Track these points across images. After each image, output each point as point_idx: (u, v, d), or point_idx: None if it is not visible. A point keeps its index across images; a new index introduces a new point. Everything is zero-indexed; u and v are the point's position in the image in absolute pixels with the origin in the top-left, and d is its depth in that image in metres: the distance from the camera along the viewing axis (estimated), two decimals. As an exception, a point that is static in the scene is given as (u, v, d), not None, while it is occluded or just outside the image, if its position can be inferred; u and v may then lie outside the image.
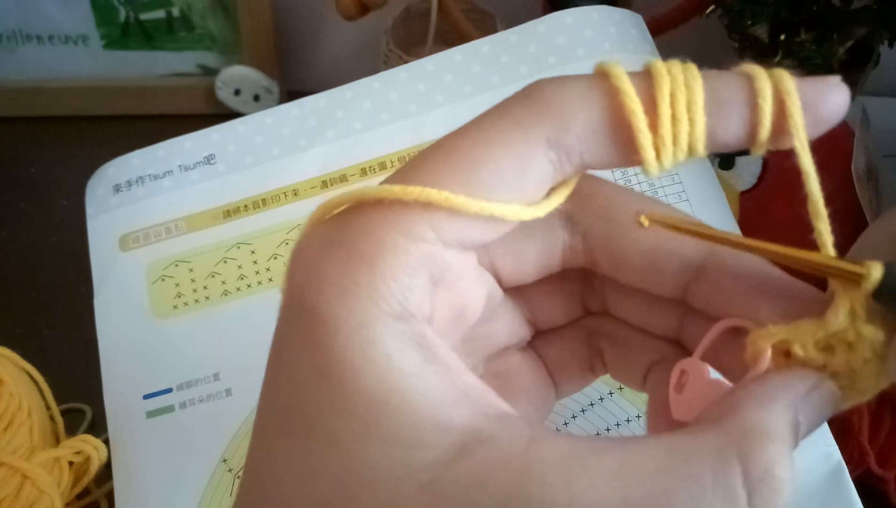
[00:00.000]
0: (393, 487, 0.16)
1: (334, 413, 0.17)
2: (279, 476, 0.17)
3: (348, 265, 0.17)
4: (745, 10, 0.53)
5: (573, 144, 0.18)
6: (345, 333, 0.17)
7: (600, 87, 0.18)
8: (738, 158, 0.50)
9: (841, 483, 0.33)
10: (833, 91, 0.18)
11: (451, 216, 0.17)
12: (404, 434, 0.16)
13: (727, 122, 0.18)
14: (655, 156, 0.18)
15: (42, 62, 0.67)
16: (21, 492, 0.39)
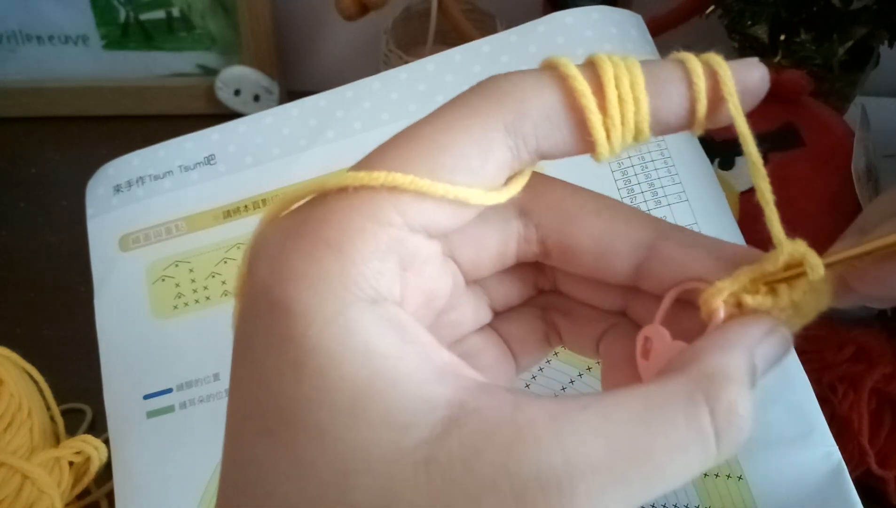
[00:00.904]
0: (388, 469, 0.16)
1: (317, 405, 0.17)
2: (265, 477, 0.17)
3: (315, 254, 0.17)
4: (745, 10, 0.53)
5: (529, 130, 0.19)
6: (319, 323, 0.17)
7: (551, 76, 0.19)
8: (738, 159, 0.50)
9: (841, 483, 0.33)
10: (754, 67, 0.19)
11: (417, 200, 0.18)
12: (393, 416, 0.16)
13: (668, 100, 0.19)
14: (606, 136, 0.19)
15: (42, 62, 0.67)
16: (21, 492, 0.39)
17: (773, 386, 0.35)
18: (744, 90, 0.19)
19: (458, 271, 0.22)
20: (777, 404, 0.34)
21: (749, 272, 0.20)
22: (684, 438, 0.17)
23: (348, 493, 0.16)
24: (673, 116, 0.19)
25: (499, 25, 0.61)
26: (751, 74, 0.19)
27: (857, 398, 0.43)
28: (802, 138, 0.49)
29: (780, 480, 0.34)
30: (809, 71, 0.50)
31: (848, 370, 0.44)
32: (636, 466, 0.16)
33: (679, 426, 0.17)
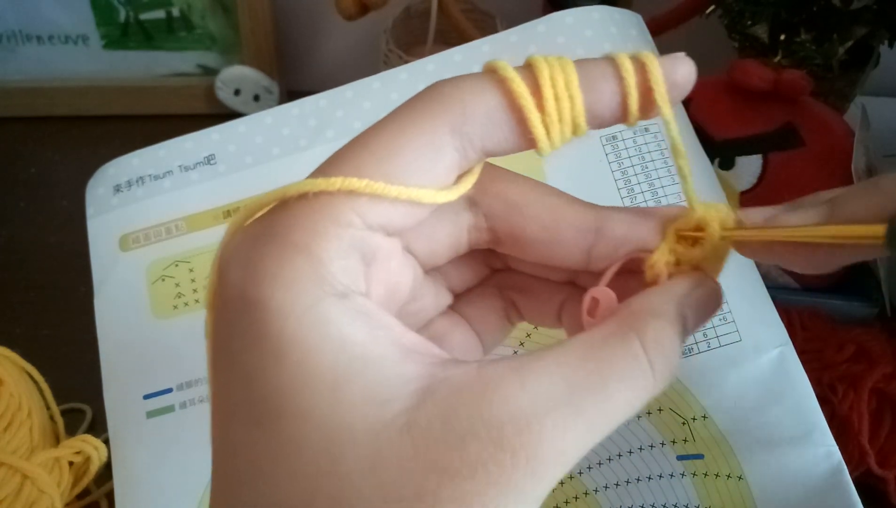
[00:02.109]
0: (373, 439, 0.18)
1: (300, 392, 0.18)
2: (256, 464, 0.18)
3: (285, 256, 0.19)
4: (745, 10, 0.53)
5: (474, 131, 0.20)
6: (295, 317, 0.18)
7: (490, 79, 0.20)
8: (738, 159, 0.50)
9: (841, 483, 0.33)
10: (681, 62, 0.21)
11: (373, 202, 0.19)
12: (372, 393, 0.18)
13: (601, 95, 0.20)
14: (545, 133, 0.20)
15: (42, 62, 0.67)
16: (21, 492, 0.39)
17: (773, 386, 0.35)
18: (672, 84, 0.21)
19: (416, 264, 0.23)
20: (777, 404, 0.34)
21: (673, 232, 0.22)
22: (625, 367, 0.19)
23: (338, 464, 0.17)
24: (607, 110, 0.21)
25: (499, 25, 0.61)
26: (678, 69, 0.21)
27: (857, 398, 0.43)
28: (802, 138, 0.49)
29: (780, 480, 0.34)
30: (809, 71, 0.50)
31: (848, 370, 0.44)
32: (591, 396, 0.18)
33: (619, 357, 0.19)
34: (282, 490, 0.18)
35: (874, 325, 0.47)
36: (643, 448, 0.35)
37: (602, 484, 0.35)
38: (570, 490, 0.36)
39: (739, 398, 0.35)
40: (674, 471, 0.35)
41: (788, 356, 0.35)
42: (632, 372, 0.19)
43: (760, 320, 0.36)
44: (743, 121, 0.50)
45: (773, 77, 0.49)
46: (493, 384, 0.18)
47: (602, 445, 0.35)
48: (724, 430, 0.34)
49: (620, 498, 0.35)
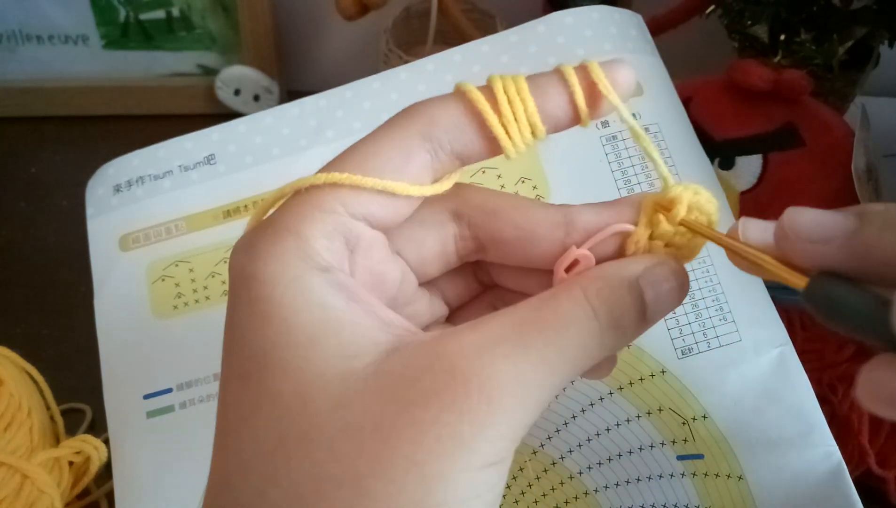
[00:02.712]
0: (342, 383, 0.20)
1: (281, 346, 0.20)
2: (241, 413, 0.21)
3: (277, 237, 0.22)
4: (745, 10, 0.53)
5: (441, 135, 0.23)
6: (282, 285, 0.21)
7: (454, 94, 0.23)
8: (738, 159, 0.50)
9: (841, 483, 0.33)
10: (620, 64, 0.24)
11: (354, 193, 0.22)
12: (344, 349, 0.20)
13: (549, 96, 0.23)
14: (504, 132, 0.23)
15: (42, 62, 0.67)
16: (21, 492, 0.39)
17: (773, 386, 0.35)
18: (613, 83, 0.23)
19: (408, 269, 0.26)
20: (777, 404, 0.34)
21: (651, 205, 0.24)
22: (568, 309, 0.21)
23: (307, 406, 0.20)
24: (557, 109, 0.23)
25: (499, 25, 0.61)
26: (617, 70, 0.23)
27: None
28: (802, 138, 0.49)
29: (780, 480, 0.34)
30: (809, 71, 0.50)
31: (848, 370, 0.44)
32: (537, 332, 0.20)
33: (562, 301, 0.21)
34: (259, 433, 0.20)
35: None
36: (643, 448, 0.35)
37: (602, 484, 0.35)
38: (570, 490, 0.36)
39: (739, 398, 0.35)
40: (674, 471, 0.35)
41: (788, 356, 0.35)
42: (574, 314, 0.21)
43: (760, 320, 0.36)
44: (743, 121, 0.50)
45: (773, 77, 0.49)
46: (450, 333, 0.21)
47: (602, 445, 0.35)
48: (724, 430, 0.34)
49: (620, 498, 0.35)
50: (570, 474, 0.36)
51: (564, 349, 0.21)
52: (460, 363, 0.20)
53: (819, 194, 0.48)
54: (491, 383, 0.19)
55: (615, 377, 0.36)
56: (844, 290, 0.20)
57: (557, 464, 0.36)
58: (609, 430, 0.35)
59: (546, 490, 0.36)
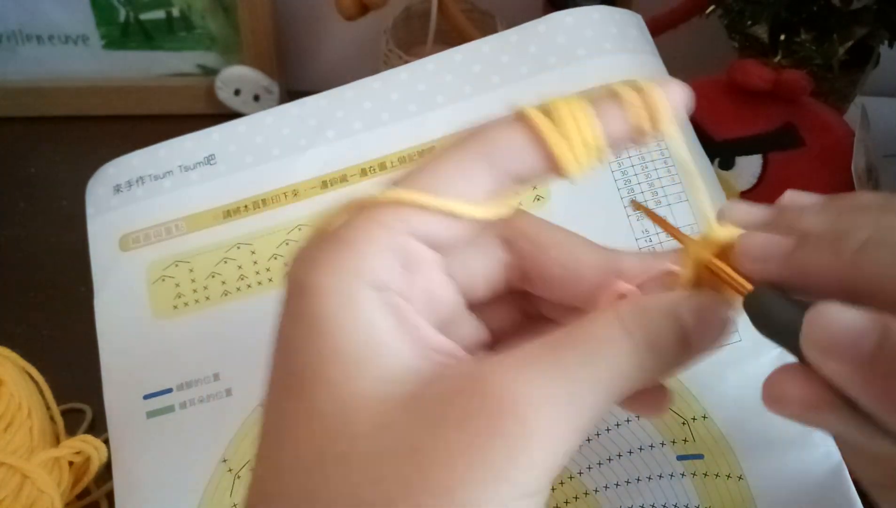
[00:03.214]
0: (382, 407, 0.20)
1: (327, 362, 0.20)
2: (281, 426, 0.21)
3: (334, 249, 0.21)
4: (745, 10, 0.53)
5: (503, 157, 0.22)
6: (334, 300, 0.21)
7: (513, 117, 0.23)
8: (738, 158, 0.50)
9: (841, 483, 0.33)
10: (672, 83, 0.23)
11: (417, 212, 0.22)
12: (387, 373, 0.20)
13: (607, 113, 0.23)
14: (566, 151, 0.22)
15: (42, 62, 0.67)
16: (21, 492, 0.39)
17: (773, 386, 0.35)
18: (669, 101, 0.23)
19: (458, 289, 0.25)
20: (777, 404, 0.34)
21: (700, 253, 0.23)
22: (602, 330, 0.21)
23: (348, 427, 0.20)
24: (617, 126, 0.23)
25: (499, 25, 0.61)
26: (672, 90, 0.23)
27: (857, 398, 0.43)
28: (802, 138, 0.49)
29: (780, 480, 0.34)
30: (809, 71, 0.50)
31: (848, 370, 0.44)
32: (571, 351, 0.20)
33: (597, 324, 0.21)
34: (300, 449, 0.20)
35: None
36: (643, 448, 0.35)
37: (602, 484, 0.35)
38: (570, 490, 0.36)
39: (739, 398, 0.35)
40: (674, 471, 0.35)
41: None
42: (607, 334, 0.21)
43: (760, 320, 0.36)
44: (743, 121, 0.50)
45: (773, 77, 0.49)
46: (487, 357, 0.20)
47: (602, 445, 0.35)
48: (724, 430, 0.34)
49: (620, 498, 0.35)
50: (570, 474, 0.36)
51: (598, 369, 0.20)
52: (493, 383, 0.19)
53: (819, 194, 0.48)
54: (524, 402, 0.19)
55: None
56: (776, 303, 0.21)
57: (557, 464, 0.36)
58: (609, 430, 0.35)
59: (546, 490, 0.36)
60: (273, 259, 0.39)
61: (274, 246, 0.39)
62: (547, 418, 0.19)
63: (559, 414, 0.19)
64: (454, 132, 0.24)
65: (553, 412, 0.19)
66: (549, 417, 0.19)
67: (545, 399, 0.19)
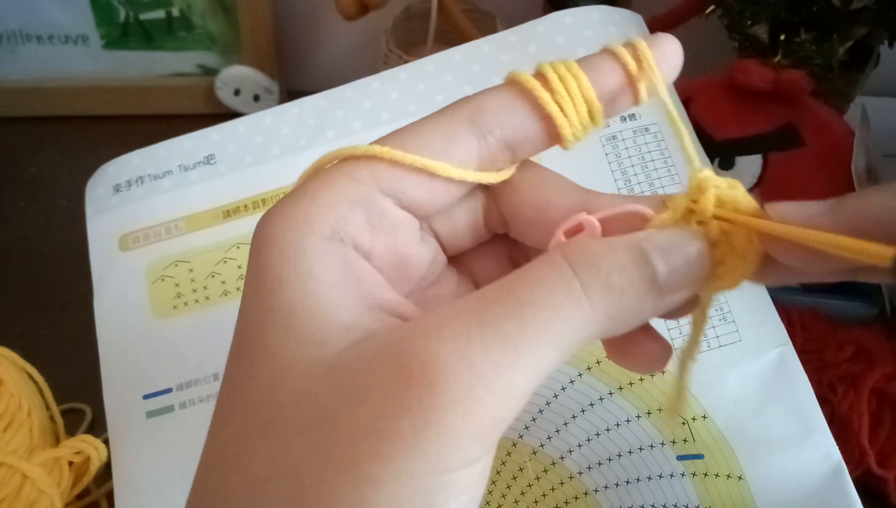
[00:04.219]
0: (306, 372, 0.19)
1: (265, 325, 0.20)
2: (228, 392, 0.20)
3: (294, 199, 0.21)
4: (745, 10, 0.53)
5: (490, 119, 0.21)
6: (278, 249, 0.20)
7: (506, 81, 0.22)
8: (738, 159, 0.50)
9: (841, 483, 0.33)
10: (666, 38, 0.22)
11: (390, 168, 0.21)
12: (314, 334, 0.19)
13: (601, 71, 0.22)
14: (559, 110, 0.21)
15: (42, 62, 0.67)
16: (21, 492, 0.39)
17: (773, 386, 0.35)
18: (661, 54, 0.22)
19: (439, 250, 0.24)
20: (777, 404, 0.34)
21: (683, 200, 0.21)
22: (541, 272, 0.18)
23: (278, 393, 0.19)
24: (612, 82, 0.22)
25: (499, 25, 0.61)
26: (665, 45, 0.22)
27: (857, 398, 0.43)
28: (802, 138, 0.49)
29: (780, 480, 0.34)
30: (809, 71, 0.50)
31: (848, 370, 0.44)
32: (497, 303, 0.18)
33: (537, 266, 0.19)
34: (235, 416, 0.20)
35: (874, 325, 0.47)
36: (643, 448, 0.35)
37: (602, 484, 0.35)
38: (570, 491, 0.36)
39: (739, 398, 0.35)
40: (674, 471, 0.35)
41: (788, 356, 0.35)
42: (545, 275, 0.18)
43: (760, 320, 0.36)
44: (743, 121, 0.50)
45: (773, 77, 0.48)
46: (412, 321, 0.19)
47: (602, 445, 0.35)
48: (724, 430, 0.34)
49: (620, 498, 0.35)
50: (570, 474, 0.36)
51: (530, 320, 0.18)
52: (405, 348, 0.18)
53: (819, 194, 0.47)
54: (434, 367, 0.17)
55: (615, 377, 0.36)
56: None
57: (557, 464, 0.36)
58: (609, 430, 0.35)
59: (546, 490, 0.36)
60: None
61: (274, 246, 0.39)
62: (461, 383, 0.17)
63: (476, 378, 0.17)
64: None
65: (469, 377, 0.17)
66: (463, 382, 0.17)
67: (459, 363, 0.17)
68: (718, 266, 0.21)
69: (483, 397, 0.17)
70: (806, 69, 0.50)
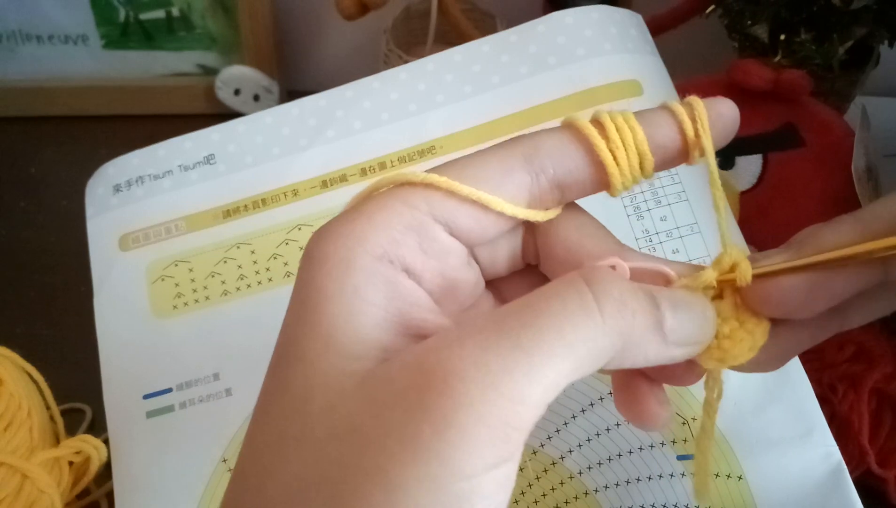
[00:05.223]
0: (338, 385, 0.19)
1: (305, 336, 0.20)
2: (263, 405, 0.21)
3: (349, 218, 0.21)
4: (745, 10, 0.53)
5: (545, 159, 0.22)
6: (328, 266, 0.21)
7: (563, 124, 0.23)
8: (738, 158, 0.50)
9: (841, 483, 0.33)
10: (722, 101, 0.24)
11: (445, 197, 0.22)
12: (351, 349, 0.20)
13: (658, 126, 0.23)
14: (612, 158, 0.22)
15: (42, 62, 0.67)
16: (21, 492, 0.39)
17: (773, 386, 0.35)
18: (717, 116, 0.23)
19: (480, 275, 0.25)
20: (777, 404, 0.34)
21: (710, 274, 0.23)
22: (558, 288, 0.20)
23: (310, 403, 0.20)
24: (667, 140, 0.23)
25: (499, 25, 0.61)
26: (721, 105, 0.24)
27: (857, 398, 0.43)
28: (802, 138, 0.49)
29: (780, 480, 0.34)
30: (809, 71, 0.50)
31: (848, 370, 0.44)
32: (515, 316, 0.19)
33: (557, 289, 0.20)
34: (269, 426, 0.20)
35: (874, 325, 0.47)
36: (643, 447, 0.35)
37: (602, 484, 0.35)
38: (570, 491, 0.36)
39: (739, 398, 0.35)
40: (674, 471, 0.35)
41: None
42: (562, 290, 0.19)
43: (760, 320, 0.36)
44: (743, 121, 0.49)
45: (773, 77, 0.48)
46: (437, 335, 0.19)
47: (602, 445, 0.35)
48: (723, 430, 0.34)
49: (620, 498, 0.35)
50: (570, 474, 0.36)
51: (544, 330, 0.19)
52: (429, 358, 0.18)
53: (819, 194, 0.48)
54: (454, 374, 0.18)
55: (615, 377, 0.36)
56: None
57: (557, 464, 0.36)
58: (609, 430, 0.35)
59: (546, 490, 0.36)
60: (273, 259, 0.39)
61: (274, 246, 0.39)
62: (477, 387, 0.18)
63: (490, 384, 0.18)
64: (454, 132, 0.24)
65: (483, 382, 0.18)
66: (479, 386, 0.18)
67: (476, 369, 0.18)
68: (725, 340, 0.22)
69: (497, 402, 0.18)
70: (806, 69, 0.50)
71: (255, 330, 0.38)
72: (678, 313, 0.21)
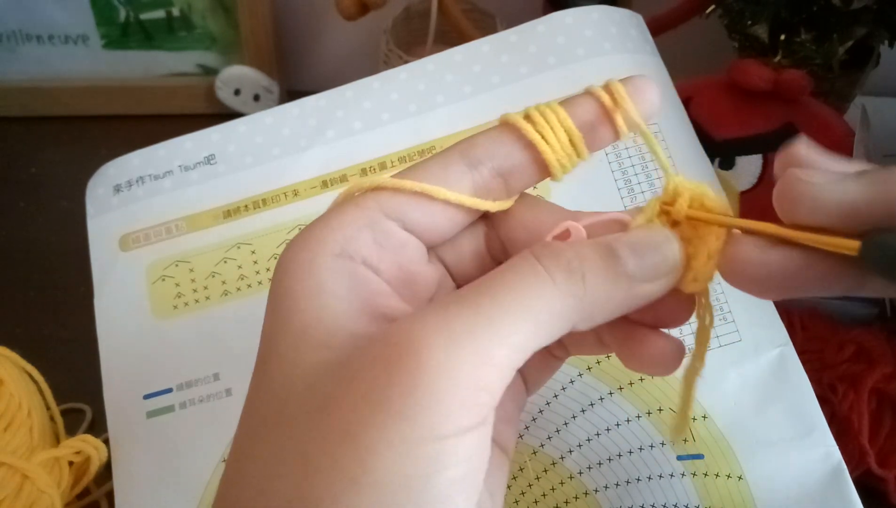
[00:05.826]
0: (312, 370, 0.21)
1: (280, 335, 0.22)
2: (248, 401, 0.22)
3: (309, 227, 0.23)
4: (745, 10, 0.53)
5: (479, 151, 0.24)
6: (294, 268, 0.22)
7: (497, 121, 0.25)
8: (738, 158, 0.50)
9: (841, 483, 0.33)
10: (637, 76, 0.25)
11: (393, 194, 0.23)
12: (323, 339, 0.21)
13: (579, 106, 0.24)
14: (541, 138, 0.24)
15: (42, 62, 0.67)
16: (21, 492, 0.39)
17: (773, 386, 0.35)
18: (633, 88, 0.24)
19: (447, 275, 0.26)
20: (777, 404, 0.34)
21: (654, 204, 0.24)
22: (513, 262, 0.21)
23: (286, 392, 0.21)
24: (587, 113, 0.24)
25: (499, 25, 0.61)
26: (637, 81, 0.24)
27: (857, 398, 0.43)
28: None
29: (780, 480, 0.34)
30: (809, 71, 0.50)
31: (848, 370, 0.44)
32: (474, 288, 0.20)
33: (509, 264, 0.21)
34: (253, 418, 0.22)
35: (874, 325, 0.47)
36: (643, 448, 0.35)
37: (602, 484, 0.35)
38: (570, 490, 0.36)
39: (739, 398, 0.35)
40: (674, 471, 0.35)
41: (788, 356, 0.35)
42: (515, 263, 0.21)
43: (760, 320, 0.36)
44: (743, 121, 0.50)
45: (773, 77, 0.49)
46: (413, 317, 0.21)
47: (602, 445, 0.35)
48: (724, 430, 0.34)
49: (620, 498, 0.35)
50: (570, 474, 0.36)
51: (501, 295, 0.20)
52: (397, 330, 0.20)
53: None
54: (419, 340, 0.19)
55: (615, 377, 0.36)
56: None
57: (557, 464, 0.36)
58: (609, 430, 0.35)
59: (546, 490, 0.36)
60: (273, 259, 0.39)
61: (274, 246, 0.39)
62: (442, 350, 0.19)
63: (455, 345, 0.19)
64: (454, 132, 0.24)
65: (448, 344, 0.19)
66: (443, 349, 0.19)
67: (439, 335, 0.19)
68: (692, 260, 0.23)
69: (464, 362, 0.19)
70: (806, 69, 0.50)
71: (256, 330, 0.37)
72: (639, 251, 0.22)
